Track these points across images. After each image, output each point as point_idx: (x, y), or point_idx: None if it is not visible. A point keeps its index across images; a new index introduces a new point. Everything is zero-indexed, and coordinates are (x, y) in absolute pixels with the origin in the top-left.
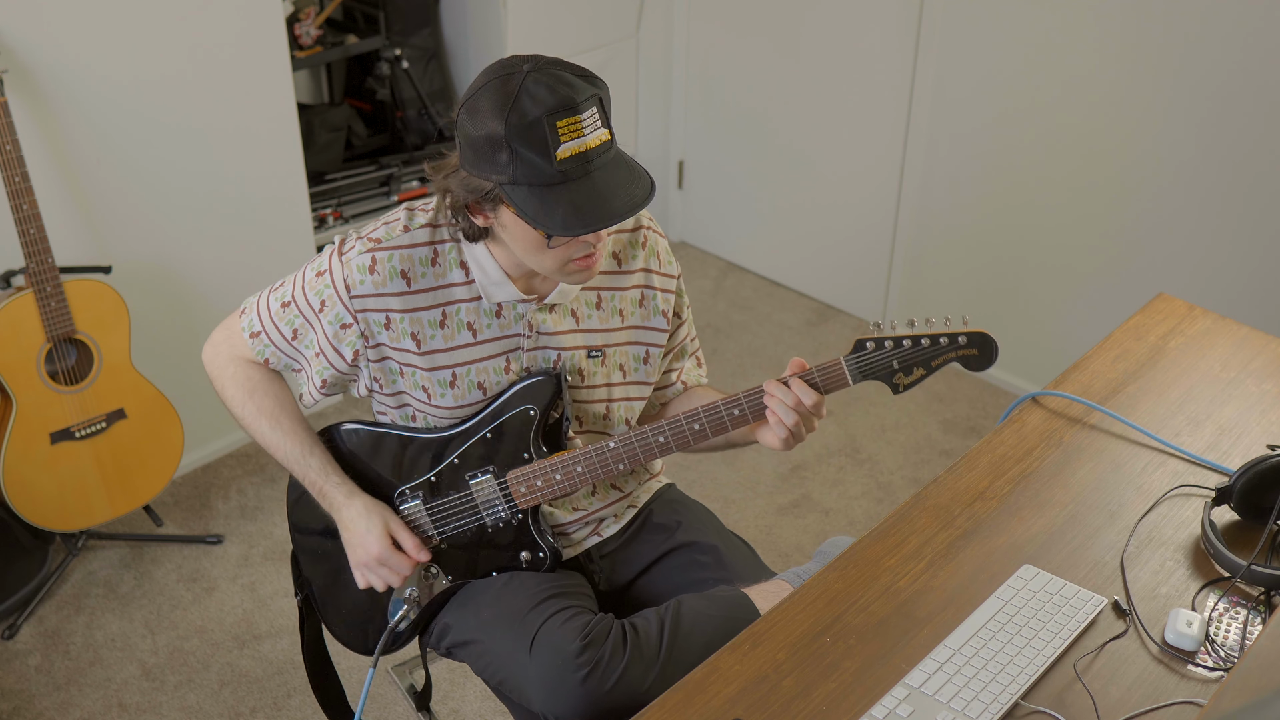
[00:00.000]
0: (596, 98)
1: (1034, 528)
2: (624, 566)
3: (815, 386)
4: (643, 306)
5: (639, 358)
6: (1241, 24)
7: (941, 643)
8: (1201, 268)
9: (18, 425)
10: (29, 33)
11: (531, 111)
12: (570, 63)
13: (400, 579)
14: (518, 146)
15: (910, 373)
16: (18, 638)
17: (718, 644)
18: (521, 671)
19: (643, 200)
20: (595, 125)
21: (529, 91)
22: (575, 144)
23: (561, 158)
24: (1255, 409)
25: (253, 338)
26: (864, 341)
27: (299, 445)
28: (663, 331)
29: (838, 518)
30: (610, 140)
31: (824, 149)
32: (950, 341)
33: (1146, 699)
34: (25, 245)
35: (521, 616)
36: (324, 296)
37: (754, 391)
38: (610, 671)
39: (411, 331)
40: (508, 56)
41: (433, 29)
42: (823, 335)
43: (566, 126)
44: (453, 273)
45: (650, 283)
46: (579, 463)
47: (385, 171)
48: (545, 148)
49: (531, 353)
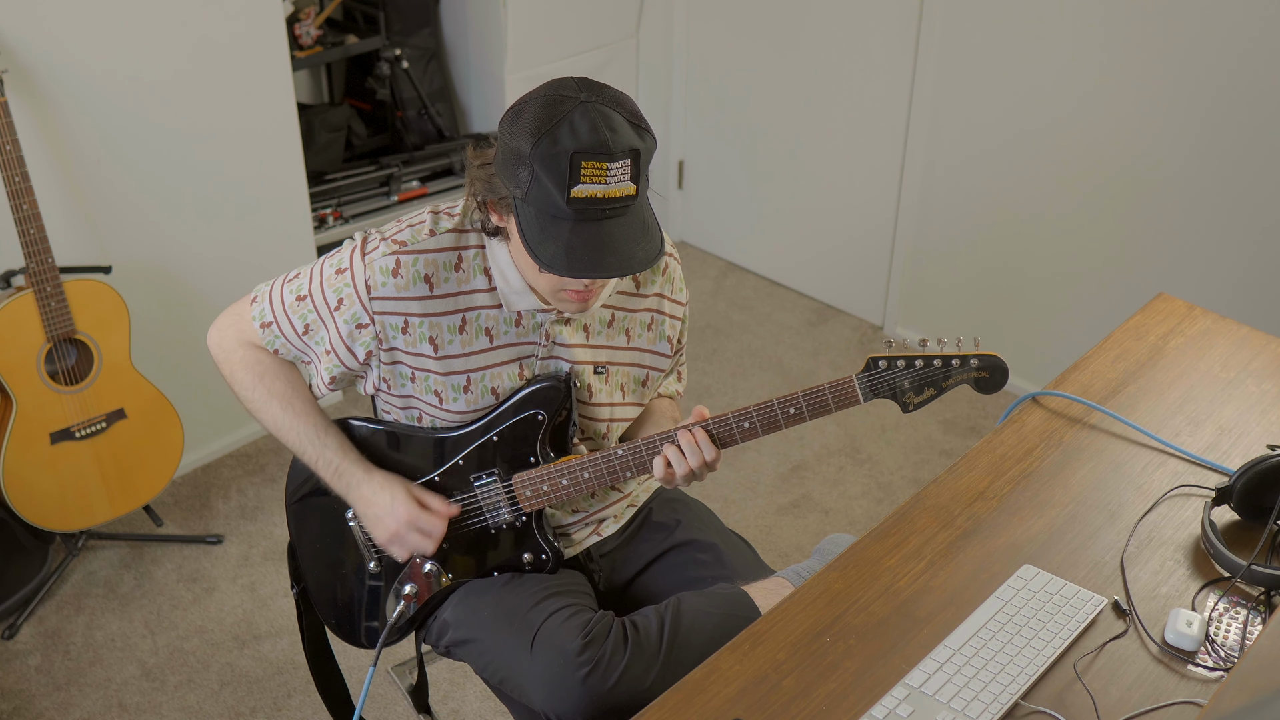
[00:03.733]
0: (635, 151)
1: (1034, 528)
2: (624, 565)
3: (713, 439)
4: (651, 330)
5: (639, 380)
6: (1241, 25)
7: (941, 643)
8: (1201, 268)
9: (18, 425)
10: (29, 33)
11: (564, 143)
12: (631, 107)
13: (434, 541)
14: (539, 170)
15: (921, 392)
16: (18, 638)
17: (718, 642)
18: (522, 670)
19: (643, 263)
20: (623, 177)
21: (571, 122)
22: (595, 188)
23: (575, 196)
24: (1255, 409)
25: (263, 328)
26: (877, 360)
27: (313, 426)
28: (666, 357)
29: (838, 518)
30: (634, 195)
31: (824, 149)
32: (962, 363)
33: (1146, 699)
34: (25, 245)
35: (522, 615)
36: (342, 295)
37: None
38: (611, 669)
39: (430, 336)
40: (572, 78)
41: (433, 29)
42: (823, 335)
43: (591, 169)
44: (476, 279)
45: (661, 308)
46: (586, 468)
47: (385, 171)
48: (563, 182)
49: (544, 362)
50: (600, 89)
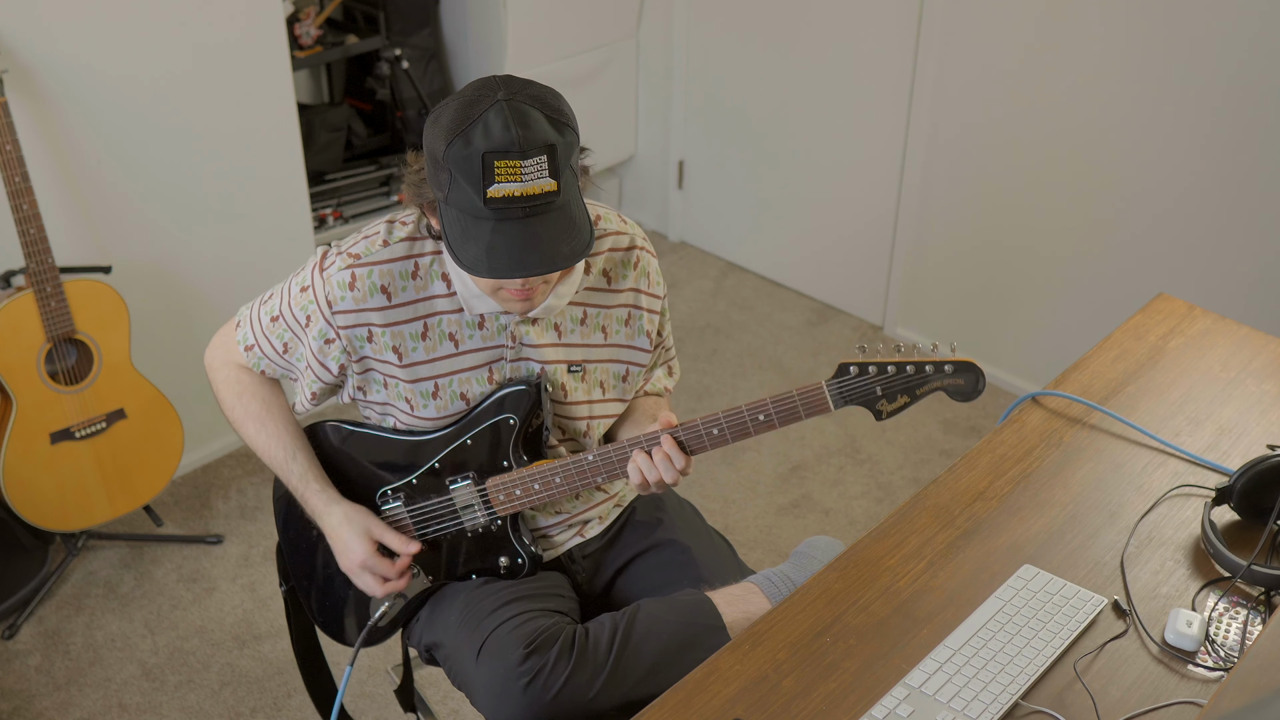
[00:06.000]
0: (550, 147)
1: (1034, 528)
2: (605, 566)
3: (682, 446)
4: (629, 326)
5: (619, 375)
6: (1241, 24)
7: (941, 643)
8: (1201, 268)
9: (18, 425)
10: (29, 33)
11: (476, 143)
12: (552, 102)
13: (388, 583)
14: (455, 172)
15: (894, 399)
16: (18, 638)
17: (672, 650)
18: (471, 678)
19: (568, 259)
20: (540, 174)
21: (485, 123)
22: (511, 187)
23: (491, 197)
24: (1255, 409)
25: (247, 350)
26: (847, 366)
27: (282, 449)
28: (646, 352)
29: (838, 518)
30: (556, 191)
31: (824, 148)
32: (936, 369)
33: (1146, 699)
34: (25, 245)
35: (478, 622)
36: (309, 312)
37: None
38: (553, 680)
39: (393, 345)
40: (498, 76)
41: (433, 29)
42: (823, 335)
43: (504, 168)
44: (434, 284)
45: (638, 303)
46: (558, 473)
47: (385, 171)
48: (478, 182)
49: (515, 364)
50: (523, 85)
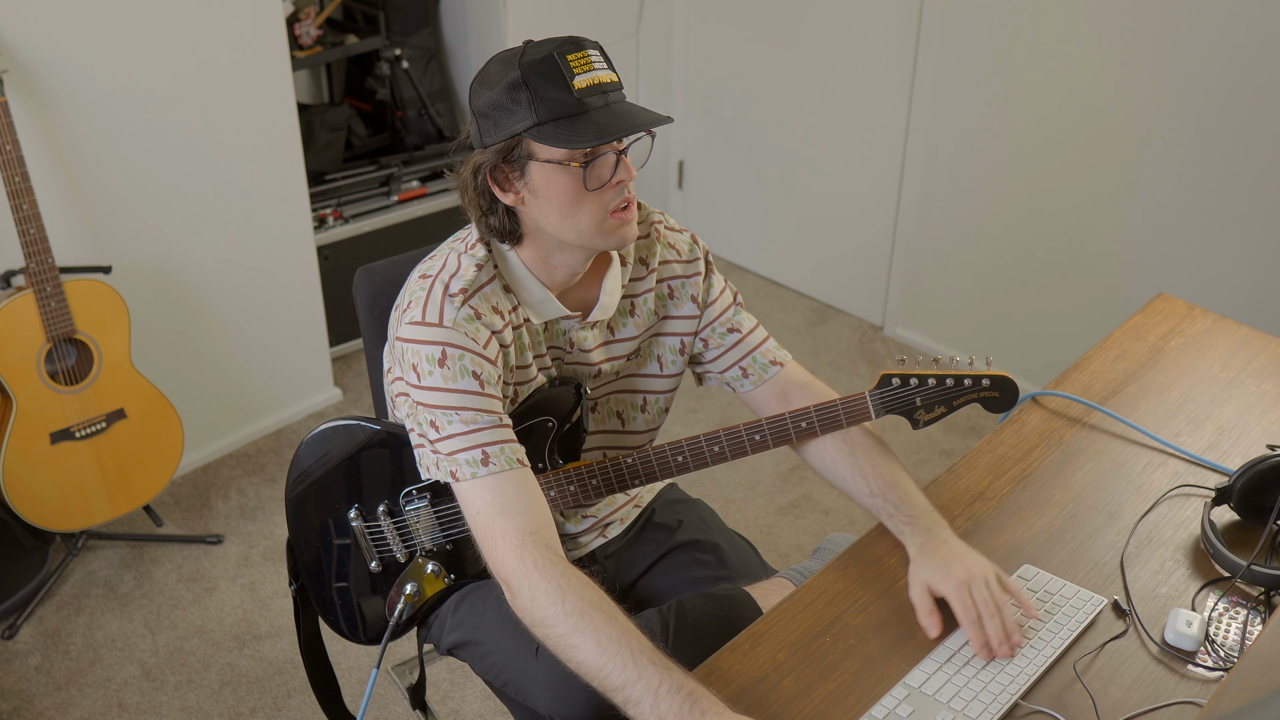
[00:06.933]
0: (598, 45)
1: (1034, 528)
2: (628, 567)
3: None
4: (674, 299)
5: (674, 349)
6: (1241, 24)
7: (941, 643)
8: (1201, 268)
9: (18, 425)
10: (29, 33)
11: (543, 50)
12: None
13: None
14: (535, 83)
15: (931, 410)
16: (18, 638)
17: (720, 643)
18: (528, 674)
19: (664, 120)
20: (603, 65)
21: (534, 44)
22: (589, 75)
23: (579, 87)
24: (1255, 409)
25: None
26: (890, 377)
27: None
28: (693, 319)
29: (838, 517)
30: (619, 82)
31: (824, 149)
32: (974, 383)
33: (1146, 699)
34: (25, 245)
35: None
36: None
37: (801, 413)
38: None
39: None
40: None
41: (433, 29)
42: (823, 335)
43: (577, 60)
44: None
45: (673, 273)
46: (594, 475)
47: (385, 171)
48: (562, 79)
49: (570, 367)
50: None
